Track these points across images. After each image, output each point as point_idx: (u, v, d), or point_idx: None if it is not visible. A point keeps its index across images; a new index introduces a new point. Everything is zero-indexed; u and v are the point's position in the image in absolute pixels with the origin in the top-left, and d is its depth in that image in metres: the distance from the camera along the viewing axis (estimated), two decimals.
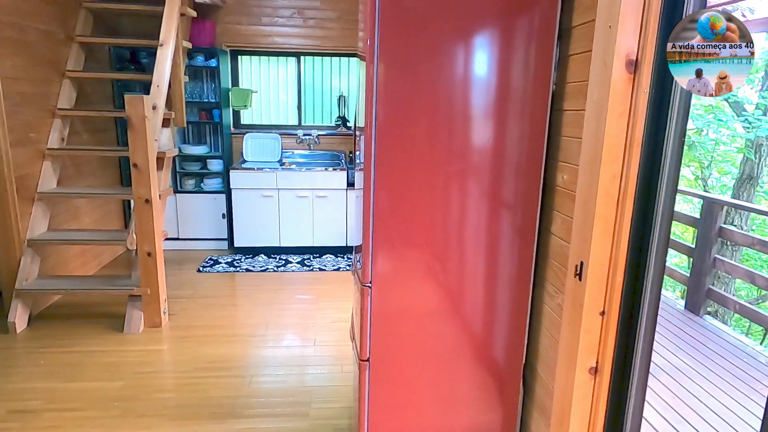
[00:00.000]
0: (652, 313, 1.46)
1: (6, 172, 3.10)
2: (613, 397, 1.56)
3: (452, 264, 1.86)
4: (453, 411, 1.97)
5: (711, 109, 7.62)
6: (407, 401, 1.92)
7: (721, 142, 7.94)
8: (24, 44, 3.25)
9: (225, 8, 4.72)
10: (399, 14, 1.66)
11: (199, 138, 4.97)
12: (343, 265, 4.56)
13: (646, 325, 1.47)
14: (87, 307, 3.57)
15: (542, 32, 1.73)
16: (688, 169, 8.27)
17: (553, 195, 1.78)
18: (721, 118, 7.58)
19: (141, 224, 3.13)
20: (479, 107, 1.77)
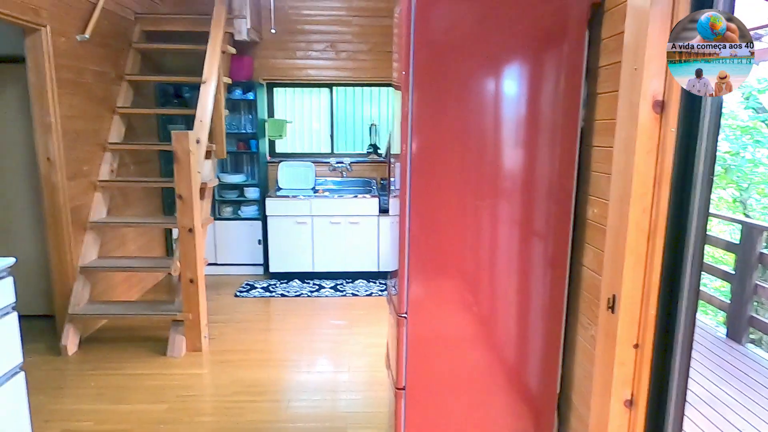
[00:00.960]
0: (687, 344, 1.47)
1: (62, 203, 3.32)
2: (649, 430, 1.57)
3: (485, 293, 1.91)
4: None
5: (747, 130, 7.46)
6: (443, 429, 1.96)
7: (760, 163, 7.74)
8: (80, 85, 3.51)
9: (262, 44, 4.96)
10: (432, 47, 1.76)
11: (237, 167, 5.17)
12: (375, 290, 4.63)
13: (681, 356, 1.48)
14: (132, 330, 3.74)
15: (570, 70, 1.80)
16: (726, 192, 8.08)
17: (584, 228, 1.82)
18: (759, 139, 7.41)
19: (184, 252, 3.29)
20: (510, 139, 1.84)
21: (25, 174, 3.66)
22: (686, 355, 1.48)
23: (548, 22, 1.77)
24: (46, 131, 3.21)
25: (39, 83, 3.14)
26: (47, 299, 3.70)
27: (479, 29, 1.77)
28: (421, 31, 1.73)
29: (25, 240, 3.73)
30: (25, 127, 3.55)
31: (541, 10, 1.78)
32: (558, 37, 1.78)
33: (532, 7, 1.78)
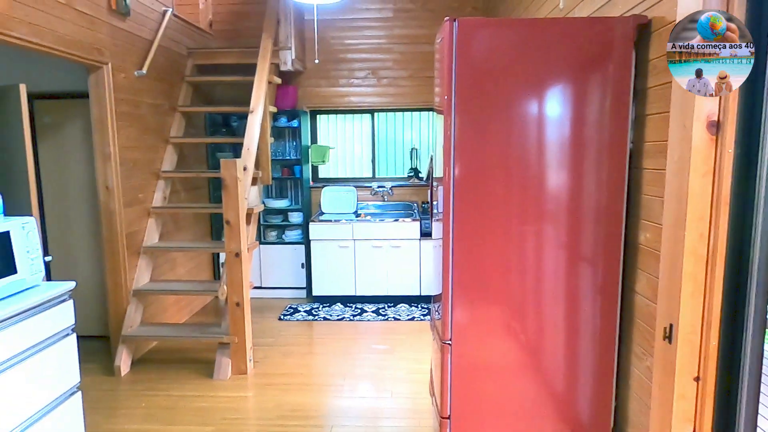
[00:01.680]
0: (755, 376, 1.38)
1: (118, 229, 3.49)
2: None
3: (532, 320, 1.86)
4: None
5: None
6: None
7: None
8: (137, 117, 3.71)
9: (306, 73, 5.12)
10: (474, 71, 1.77)
11: (281, 192, 5.30)
12: (418, 314, 4.59)
13: (748, 389, 1.39)
14: (181, 352, 3.84)
15: (617, 91, 1.77)
16: None
17: (635, 253, 1.76)
18: None
19: (231, 276, 3.37)
20: (555, 162, 1.81)
21: (85, 202, 3.88)
22: (755, 388, 1.39)
23: (593, 44, 1.76)
24: (106, 161, 3.40)
25: (100, 116, 3.35)
26: (103, 321, 3.86)
27: (522, 53, 1.77)
28: (462, 57, 1.75)
29: (84, 264, 3.93)
30: (86, 158, 3.78)
31: (585, 32, 1.76)
32: (603, 59, 1.76)
33: (576, 30, 1.77)
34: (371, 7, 5.05)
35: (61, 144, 3.84)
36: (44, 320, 2.06)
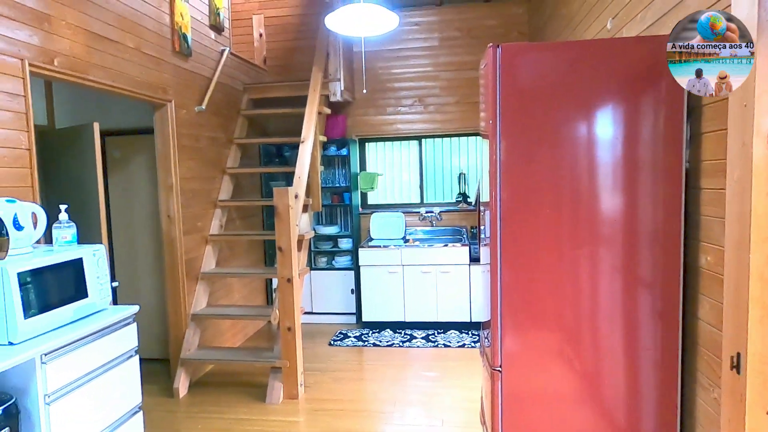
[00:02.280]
0: None
1: (179, 256, 3.67)
2: None
3: (587, 347, 1.80)
4: None
5: None
6: None
7: None
8: (197, 150, 3.94)
9: (354, 103, 5.27)
10: (520, 95, 1.78)
11: (331, 219, 5.42)
12: (468, 341, 4.50)
13: None
14: (235, 376, 3.94)
15: (670, 110, 1.73)
16: None
17: (696, 277, 1.67)
18: None
19: (283, 301, 3.46)
20: (607, 183, 1.77)
21: (149, 230, 4.12)
22: None
23: (643, 64, 1.73)
24: (168, 192, 3.61)
25: (164, 150, 3.58)
26: (163, 344, 4.04)
27: (568, 76, 1.77)
28: (507, 82, 1.76)
29: (146, 289, 4.14)
30: (150, 189, 4.03)
31: (634, 51, 1.74)
32: (654, 78, 1.72)
33: (624, 50, 1.75)
34: (417, 36, 5.17)
35: (128, 176, 4.12)
36: (111, 342, 2.19)
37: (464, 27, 5.09)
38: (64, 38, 2.61)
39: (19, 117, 2.36)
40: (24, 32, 2.38)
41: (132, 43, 3.16)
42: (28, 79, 2.38)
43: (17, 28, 2.34)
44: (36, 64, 2.43)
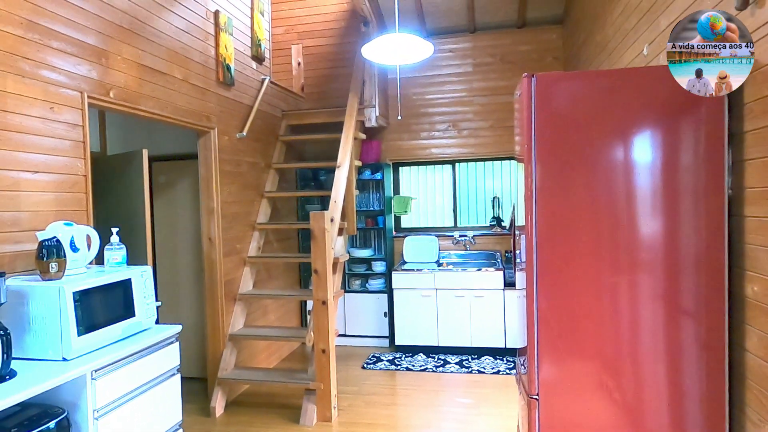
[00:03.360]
0: None
1: (218, 277, 3.78)
2: None
3: (627, 377, 1.76)
4: None
5: None
6: None
7: None
8: (238, 174, 4.08)
9: (389, 128, 5.37)
10: (554, 122, 1.80)
11: (365, 242, 5.47)
12: (503, 368, 4.42)
13: None
14: (270, 397, 3.99)
15: (710, 136, 1.71)
16: None
17: (742, 307, 1.63)
18: None
19: (318, 323, 3.50)
20: (645, 210, 1.76)
21: (190, 252, 4.27)
22: None
23: (681, 90, 1.72)
24: (210, 215, 3.75)
25: (207, 175, 3.73)
26: (201, 363, 4.13)
27: (604, 102, 1.78)
28: (541, 110, 1.79)
29: (187, 309, 4.26)
30: (192, 212, 4.18)
31: (671, 78, 1.74)
32: (693, 104, 1.71)
33: (661, 77, 1.74)
34: (451, 63, 5.25)
35: (172, 200, 4.30)
36: (155, 360, 2.27)
37: (497, 53, 5.15)
38: (119, 72, 2.80)
39: (77, 145, 2.53)
40: (84, 67, 2.56)
41: (180, 75, 3.34)
42: (86, 110, 2.55)
43: (78, 63, 2.52)
44: (94, 96, 2.61)
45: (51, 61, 2.37)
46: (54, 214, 2.36)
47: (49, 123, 2.36)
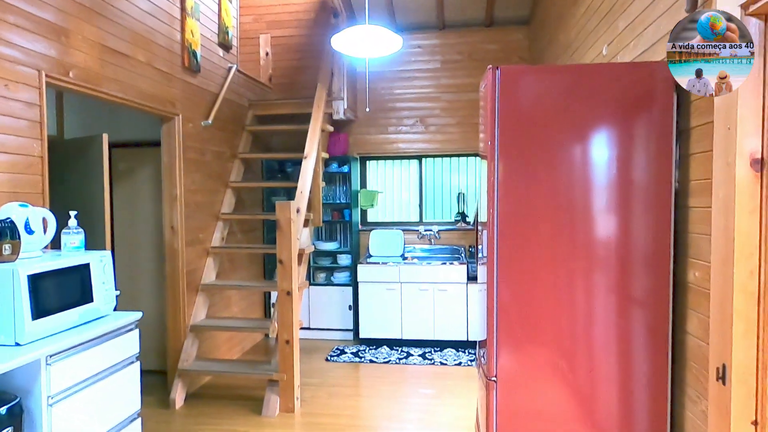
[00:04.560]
0: None
1: (180, 267, 3.72)
2: None
3: (580, 361, 1.84)
4: None
5: None
6: None
7: None
8: (202, 163, 4.02)
9: (357, 121, 5.38)
10: (517, 117, 1.86)
11: (331, 235, 5.48)
12: (465, 360, 4.52)
13: None
14: (232, 389, 3.95)
15: (660, 133, 1.81)
16: None
17: (685, 293, 1.73)
18: None
19: (282, 314, 3.49)
20: (600, 203, 1.84)
21: (151, 241, 4.17)
22: None
23: (636, 88, 1.81)
24: (172, 203, 3.67)
25: (170, 162, 3.66)
26: (161, 355, 4.05)
27: (564, 99, 1.85)
28: (505, 103, 1.85)
29: (146, 300, 4.17)
30: (154, 201, 4.09)
31: (628, 76, 1.83)
32: (646, 102, 1.80)
33: (619, 75, 1.83)
34: (420, 59, 5.31)
35: (133, 188, 4.19)
36: (113, 347, 2.23)
37: (465, 50, 5.24)
38: (80, 51, 2.71)
39: (33, 125, 2.44)
40: (41, 44, 2.47)
41: (143, 58, 3.26)
42: (44, 89, 2.47)
43: (35, 40, 2.44)
44: (52, 75, 2.52)
45: (5, 36, 2.28)
46: (8, 196, 2.28)
47: (4, 101, 2.28)
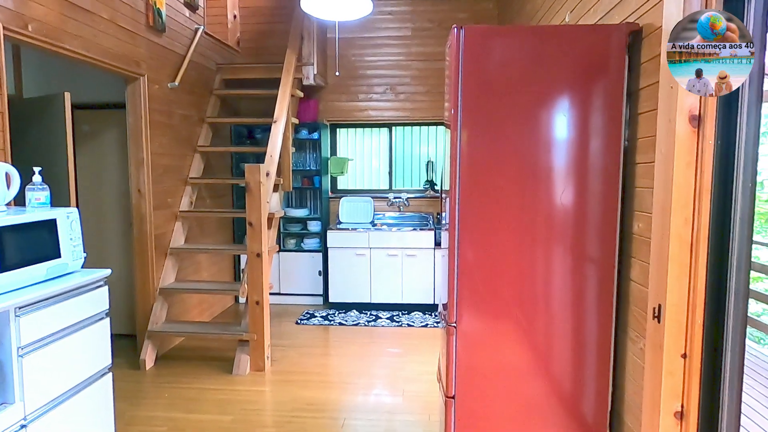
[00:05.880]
0: (738, 352, 1.47)
1: (148, 231, 3.70)
2: None
3: (534, 311, 1.97)
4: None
5: None
6: None
7: None
8: (169, 126, 3.97)
9: (327, 88, 5.36)
10: (480, 85, 1.93)
11: (301, 202, 5.51)
12: (431, 322, 4.68)
13: (731, 366, 1.48)
14: (203, 351, 4.01)
15: (613, 94, 1.91)
16: None
17: (630, 243, 1.87)
18: None
19: (252, 275, 3.54)
20: (557, 165, 1.94)
21: (118, 205, 4.13)
22: (738, 363, 1.48)
23: (594, 51, 1.90)
24: (139, 166, 3.64)
25: (136, 125, 3.60)
26: (130, 319, 4.06)
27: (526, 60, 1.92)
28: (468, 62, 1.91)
29: (114, 264, 4.14)
30: (120, 165, 4.03)
31: (587, 39, 1.91)
32: (603, 64, 1.90)
33: (579, 37, 1.91)
34: (390, 26, 5.29)
35: (98, 151, 4.11)
36: (82, 302, 2.25)
37: (436, 19, 5.25)
38: (39, 4, 2.63)
39: None
40: None
41: (106, 14, 3.17)
42: (1, 41, 2.40)
43: None
44: (10, 28, 2.45)
45: None
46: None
47: None
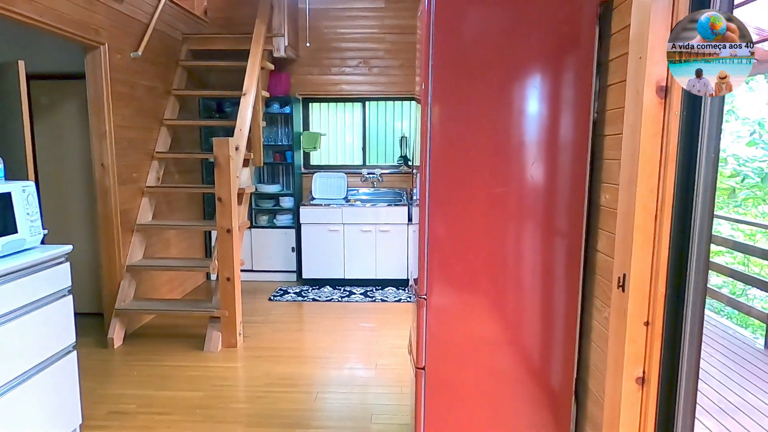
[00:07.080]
0: (698, 321, 1.51)
1: (113, 206, 3.59)
2: (662, 407, 1.60)
3: (503, 283, 1.99)
4: (507, 425, 2.04)
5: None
6: (461, 412, 2.03)
7: None
8: (133, 98, 3.82)
9: (299, 61, 5.23)
10: (451, 59, 1.89)
11: (273, 178, 5.42)
12: (404, 297, 4.71)
13: (690, 334, 1.52)
14: (173, 328, 3.95)
15: (582, 65, 1.90)
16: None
17: (598, 214, 1.89)
18: None
19: (222, 251, 3.48)
20: (527, 139, 1.94)
21: (80, 180, 3.98)
22: (697, 332, 1.52)
23: (567, 23, 1.88)
24: (101, 139, 3.50)
25: (96, 95, 3.45)
26: (96, 298, 3.96)
27: (499, 31, 1.89)
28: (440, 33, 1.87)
29: (77, 241, 4.01)
30: (81, 138, 3.87)
31: (556, 13, 1.89)
32: (574, 36, 1.88)
33: (547, 11, 1.89)
34: None
35: (57, 124, 3.94)
36: (42, 279, 2.17)
37: None
38: None
39: None
40: None
41: None
42: None
43: None
44: None
45: None
46: None
47: None
